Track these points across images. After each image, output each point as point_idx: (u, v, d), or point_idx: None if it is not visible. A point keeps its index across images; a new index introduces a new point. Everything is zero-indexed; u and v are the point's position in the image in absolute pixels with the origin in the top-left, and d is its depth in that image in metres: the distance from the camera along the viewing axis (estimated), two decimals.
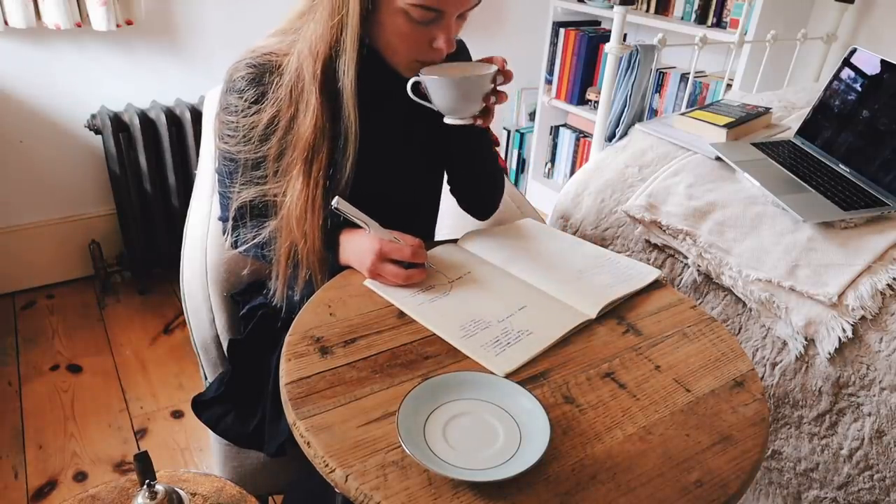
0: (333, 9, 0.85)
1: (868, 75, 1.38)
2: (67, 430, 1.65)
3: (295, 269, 0.96)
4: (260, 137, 0.93)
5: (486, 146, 1.07)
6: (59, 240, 2.17)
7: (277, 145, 0.92)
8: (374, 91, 0.94)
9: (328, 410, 0.69)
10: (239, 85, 0.92)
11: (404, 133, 1.02)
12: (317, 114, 0.88)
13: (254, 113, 0.92)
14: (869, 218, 1.19)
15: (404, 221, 0.97)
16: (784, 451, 1.09)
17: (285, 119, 0.91)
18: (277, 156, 0.93)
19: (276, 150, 0.92)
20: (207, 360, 1.21)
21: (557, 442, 0.68)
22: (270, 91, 0.91)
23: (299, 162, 0.91)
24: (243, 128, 0.93)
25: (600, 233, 1.33)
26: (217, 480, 0.99)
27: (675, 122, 1.55)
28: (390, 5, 0.84)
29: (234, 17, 2.11)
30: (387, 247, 0.91)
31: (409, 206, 1.09)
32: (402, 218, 0.98)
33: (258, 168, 0.95)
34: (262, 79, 0.91)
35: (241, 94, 0.92)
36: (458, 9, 0.86)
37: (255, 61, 0.92)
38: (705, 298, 1.19)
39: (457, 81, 0.87)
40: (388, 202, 0.98)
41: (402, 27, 0.86)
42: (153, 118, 1.99)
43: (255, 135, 0.93)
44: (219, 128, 0.97)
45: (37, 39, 1.89)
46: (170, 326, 2.06)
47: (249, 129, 0.92)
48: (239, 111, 0.93)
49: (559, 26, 2.71)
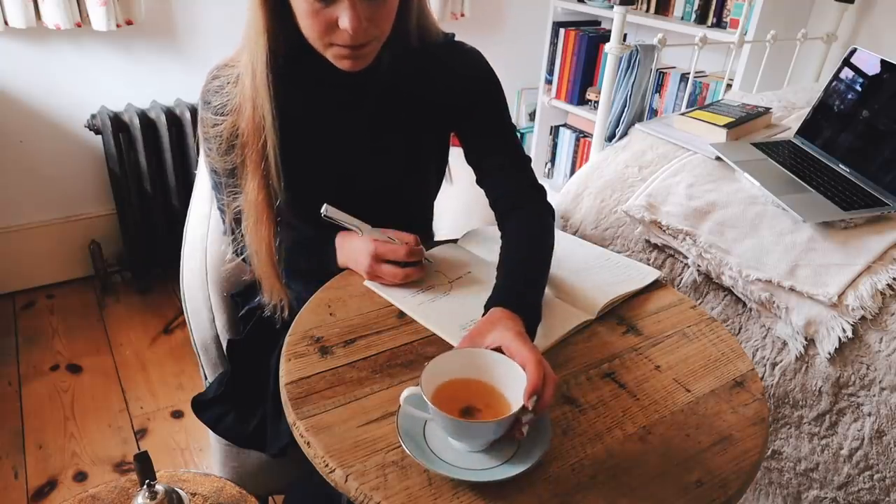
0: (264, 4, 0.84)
1: (868, 75, 1.38)
2: (67, 430, 1.65)
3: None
4: (227, 149, 0.94)
5: None
6: (59, 240, 2.17)
7: (240, 154, 0.93)
8: (336, 99, 0.95)
9: (328, 410, 0.69)
10: (207, 97, 0.94)
11: (376, 135, 1.00)
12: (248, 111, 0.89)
13: (220, 124, 0.93)
14: (869, 218, 1.19)
15: (397, 222, 0.97)
16: (784, 451, 1.09)
17: (241, 126, 0.91)
18: (241, 165, 0.94)
19: (238, 159, 0.93)
20: (207, 360, 1.21)
21: (557, 442, 0.68)
22: (230, 100, 0.92)
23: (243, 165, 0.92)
24: (214, 139, 0.94)
25: (600, 233, 1.33)
26: (217, 480, 0.99)
27: (675, 122, 1.55)
28: None
29: (234, 17, 2.10)
30: (381, 248, 0.91)
31: (398, 206, 1.07)
32: (394, 218, 0.97)
33: (235, 177, 0.96)
34: (224, 88, 0.92)
35: (208, 106, 0.94)
36: None
37: (219, 72, 0.94)
38: (705, 298, 1.19)
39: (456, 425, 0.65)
40: (374, 203, 0.97)
41: (304, 10, 0.82)
42: (153, 118, 1.99)
43: (224, 146, 0.94)
44: (201, 143, 0.99)
45: (37, 39, 1.89)
46: (170, 326, 2.06)
47: (219, 140, 0.94)
48: (209, 124, 0.94)
49: (559, 26, 2.71)
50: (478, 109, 1.01)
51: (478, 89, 1.00)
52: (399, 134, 1.00)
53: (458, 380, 0.68)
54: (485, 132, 1.02)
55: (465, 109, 1.00)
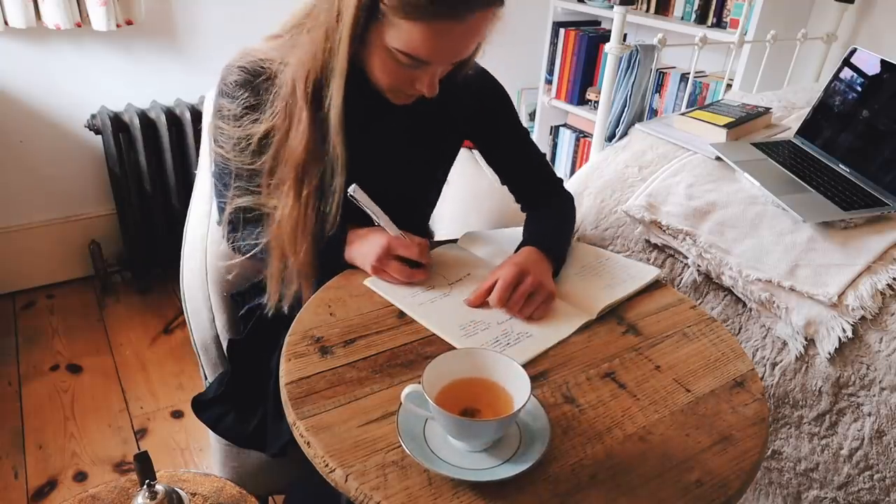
0: (327, 31, 0.82)
1: (868, 75, 1.38)
2: (67, 430, 1.65)
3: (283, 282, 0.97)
4: (254, 150, 0.92)
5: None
6: (59, 240, 2.17)
7: (272, 160, 0.91)
8: (367, 108, 0.93)
9: (328, 410, 0.69)
10: (232, 89, 0.91)
11: (401, 148, 1.01)
12: (307, 135, 0.87)
13: (249, 122, 0.90)
14: (869, 218, 1.19)
15: (401, 220, 0.96)
16: (784, 451, 1.09)
17: (280, 133, 0.89)
18: (270, 171, 0.92)
19: (269, 164, 0.91)
20: (207, 360, 1.21)
21: (557, 442, 0.68)
22: (266, 101, 0.89)
23: (290, 179, 0.90)
24: (238, 137, 0.92)
25: (600, 233, 1.33)
26: (217, 480, 0.99)
27: (675, 122, 1.55)
28: (379, 40, 0.81)
29: (234, 17, 2.10)
30: (395, 242, 0.91)
31: (407, 206, 1.08)
32: (399, 217, 0.97)
33: (252, 178, 0.95)
34: (255, 84, 0.90)
35: (235, 99, 0.91)
36: (443, 63, 0.85)
37: (249, 65, 0.90)
38: (705, 298, 1.19)
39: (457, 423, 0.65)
40: (386, 205, 0.97)
41: (387, 64, 0.83)
42: (153, 118, 1.99)
43: (249, 146, 0.92)
44: (213, 131, 0.96)
45: (37, 39, 1.89)
46: (170, 326, 2.06)
47: (244, 140, 0.91)
48: (232, 118, 0.91)
49: (559, 26, 2.71)
50: (494, 117, 1.06)
51: (492, 97, 1.03)
52: (423, 144, 1.02)
53: (460, 380, 0.68)
54: (503, 138, 1.09)
55: (482, 118, 1.04)
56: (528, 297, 0.87)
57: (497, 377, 0.68)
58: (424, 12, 0.76)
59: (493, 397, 0.68)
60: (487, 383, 0.68)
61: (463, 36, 0.81)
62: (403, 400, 0.65)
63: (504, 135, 1.09)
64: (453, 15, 0.77)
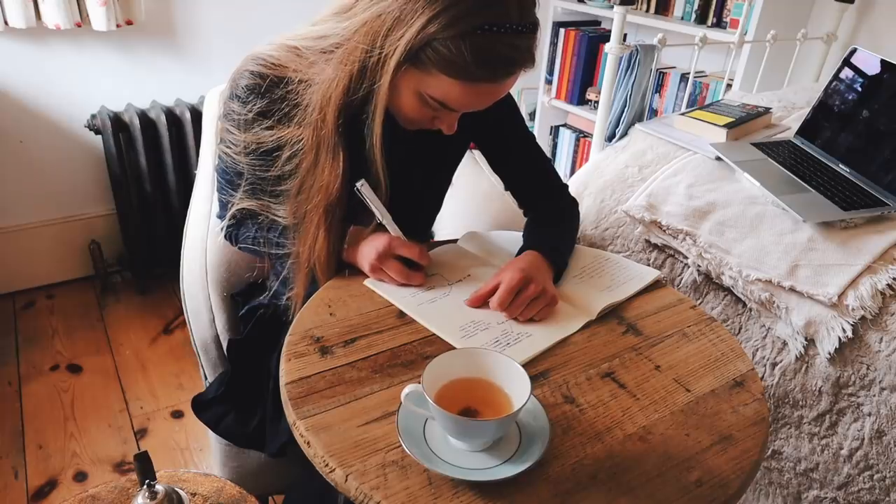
0: (365, 70, 0.81)
1: (868, 75, 1.38)
2: (67, 430, 1.65)
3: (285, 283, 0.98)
4: (261, 156, 0.92)
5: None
6: (59, 240, 2.17)
7: (299, 184, 0.90)
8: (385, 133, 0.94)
9: (328, 410, 0.69)
10: (243, 93, 0.89)
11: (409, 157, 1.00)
12: (342, 169, 0.87)
13: (259, 128, 0.90)
14: (869, 218, 1.19)
15: (406, 220, 0.96)
16: (784, 451, 1.09)
17: (307, 161, 0.88)
18: (276, 179, 0.92)
19: (296, 188, 0.91)
20: (207, 360, 1.21)
21: (557, 442, 0.68)
22: (278, 109, 0.88)
23: (319, 213, 0.89)
24: (245, 141, 0.91)
25: (600, 233, 1.33)
26: (217, 480, 0.99)
27: (675, 122, 1.55)
28: (413, 83, 0.81)
29: (234, 17, 2.10)
30: (396, 241, 0.91)
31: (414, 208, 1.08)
32: (405, 217, 0.97)
33: (257, 182, 0.95)
34: (267, 91, 0.88)
35: (245, 104, 0.89)
36: (468, 110, 0.86)
37: (263, 71, 0.88)
38: (705, 298, 1.19)
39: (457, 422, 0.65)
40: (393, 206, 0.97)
41: (413, 103, 0.84)
42: (153, 118, 1.99)
43: (258, 150, 0.91)
44: (221, 132, 0.95)
45: (37, 39, 1.89)
46: (170, 326, 2.06)
47: (253, 144, 0.91)
48: (242, 122, 0.90)
49: (559, 26, 2.71)
50: (500, 123, 1.06)
51: (498, 102, 1.02)
52: (431, 152, 1.02)
53: (459, 380, 0.68)
54: (509, 144, 1.09)
55: (488, 124, 1.04)
56: (530, 301, 0.88)
57: (497, 377, 0.68)
58: (467, 75, 0.78)
59: (492, 397, 0.68)
60: (487, 383, 0.68)
61: (496, 93, 0.84)
62: (403, 400, 0.65)
63: (511, 140, 1.09)
64: (494, 80, 0.80)
